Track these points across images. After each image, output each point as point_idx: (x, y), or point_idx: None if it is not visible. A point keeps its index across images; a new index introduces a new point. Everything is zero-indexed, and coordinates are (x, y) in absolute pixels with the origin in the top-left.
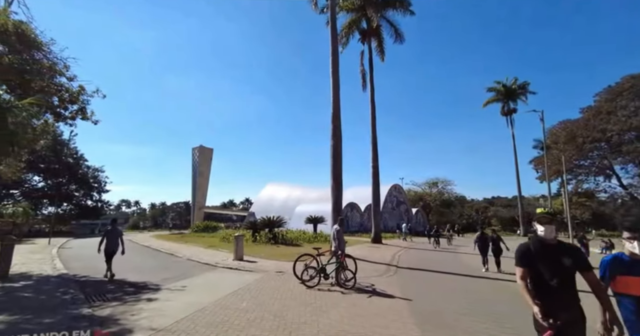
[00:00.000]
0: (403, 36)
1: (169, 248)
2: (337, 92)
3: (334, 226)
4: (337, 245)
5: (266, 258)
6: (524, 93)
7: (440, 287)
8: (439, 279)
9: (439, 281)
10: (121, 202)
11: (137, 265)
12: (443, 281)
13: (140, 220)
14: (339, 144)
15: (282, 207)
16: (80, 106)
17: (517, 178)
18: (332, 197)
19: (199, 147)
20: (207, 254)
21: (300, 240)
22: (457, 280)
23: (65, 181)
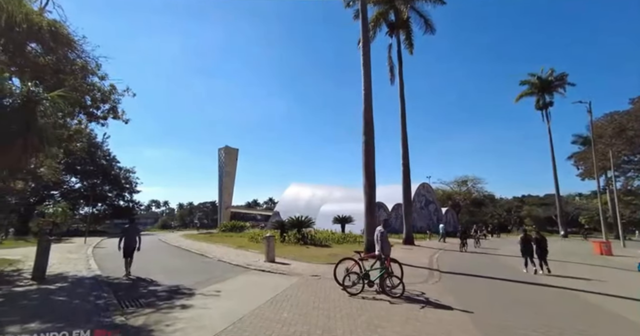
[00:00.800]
0: (434, 27)
1: (198, 248)
2: (368, 85)
3: (377, 228)
4: (381, 249)
5: (298, 260)
6: (561, 86)
7: (499, 296)
8: (493, 286)
9: (494, 289)
10: (151, 202)
11: (168, 266)
12: (498, 289)
13: (169, 220)
14: (371, 140)
15: (307, 206)
16: (112, 105)
17: (554, 175)
18: (365, 196)
19: (225, 148)
20: (238, 255)
21: (329, 240)
22: (513, 287)
23: (99, 182)
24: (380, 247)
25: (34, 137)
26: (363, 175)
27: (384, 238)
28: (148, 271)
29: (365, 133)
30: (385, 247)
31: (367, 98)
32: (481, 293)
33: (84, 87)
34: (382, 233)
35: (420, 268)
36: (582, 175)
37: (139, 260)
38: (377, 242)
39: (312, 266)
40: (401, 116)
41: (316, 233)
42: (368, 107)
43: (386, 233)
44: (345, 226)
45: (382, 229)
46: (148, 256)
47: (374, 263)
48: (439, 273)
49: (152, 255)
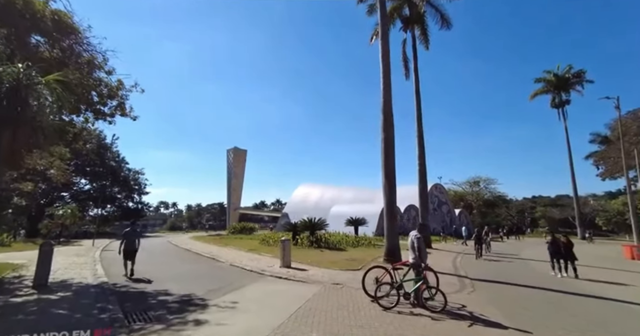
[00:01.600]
0: (450, 22)
1: (209, 251)
2: (387, 79)
3: (412, 233)
4: (416, 256)
5: (315, 265)
6: (579, 83)
7: (548, 309)
8: (534, 296)
9: (538, 300)
10: (160, 204)
11: (179, 272)
12: (542, 300)
13: (177, 221)
14: (391, 137)
15: (315, 207)
16: (119, 101)
17: (571, 175)
18: (385, 197)
19: (233, 149)
20: (250, 259)
21: (344, 243)
22: (557, 298)
23: (108, 183)
24: (418, 255)
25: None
26: (382, 175)
27: (421, 244)
28: (158, 278)
29: (384, 130)
30: (424, 255)
31: (386, 90)
32: (526, 306)
33: (90, 82)
34: (418, 238)
35: (447, 275)
36: (603, 175)
37: (148, 265)
38: (413, 249)
39: (332, 273)
40: (416, 113)
41: (330, 236)
42: (387, 100)
43: (422, 238)
44: (359, 228)
45: (418, 234)
46: (158, 260)
47: (407, 271)
48: (469, 280)
49: (162, 258)
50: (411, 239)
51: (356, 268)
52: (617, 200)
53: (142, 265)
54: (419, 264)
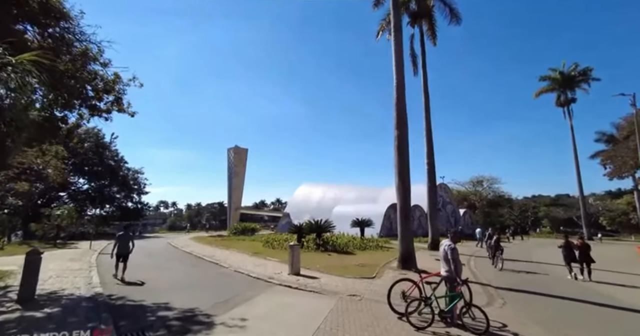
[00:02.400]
0: (460, 16)
1: (211, 255)
2: (400, 74)
3: (444, 242)
4: (450, 270)
5: (325, 272)
6: (585, 81)
7: (603, 330)
8: (575, 311)
9: (582, 316)
10: (159, 203)
11: (180, 280)
12: (586, 315)
13: (177, 221)
14: (405, 135)
15: (318, 207)
16: (116, 96)
17: (577, 174)
18: (399, 199)
19: (234, 148)
20: (255, 264)
21: (351, 246)
22: (600, 312)
23: (107, 183)
24: (454, 268)
25: None
26: (395, 175)
27: (456, 256)
28: (158, 287)
29: (397, 127)
30: (459, 268)
31: (399, 86)
32: (571, 323)
33: (84, 75)
34: (452, 250)
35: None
36: (610, 175)
37: (149, 271)
38: (446, 261)
39: (346, 282)
40: (425, 110)
41: (337, 239)
42: (401, 96)
43: (457, 250)
44: (365, 229)
45: (452, 244)
46: (158, 264)
47: (437, 285)
48: (494, 290)
49: (163, 263)
50: (444, 249)
51: (370, 275)
52: (621, 200)
53: (142, 271)
54: (454, 278)
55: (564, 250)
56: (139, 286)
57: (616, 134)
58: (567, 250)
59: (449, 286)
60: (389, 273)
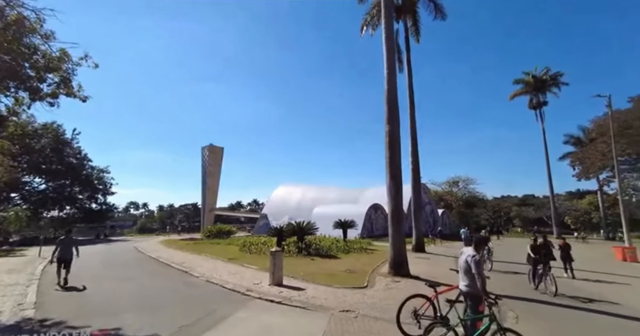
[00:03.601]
0: (444, 12)
1: (181, 261)
2: (391, 63)
3: (465, 250)
4: (474, 284)
5: (311, 281)
6: (556, 85)
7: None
8: (594, 322)
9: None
10: (129, 205)
11: (142, 295)
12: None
13: (148, 223)
14: (396, 130)
15: (297, 208)
16: (63, 76)
17: (548, 175)
18: (390, 200)
19: (209, 146)
20: (230, 272)
21: (335, 249)
22: (619, 325)
23: (68, 183)
24: (480, 283)
25: None
26: (387, 175)
27: (480, 268)
28: (111, 305)
29: (388, 122)
30: (483, 282)
31: (390, 77)
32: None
33: (20, 49)
34: (476, 261)
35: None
36: (579, 176)
37: (105, 282)
38: (467, 274)
39: (336, 294)
40: (410, 109)
41: (320, 241)
42: (392, 88)
43: (481, 260)
44: (347, 231)
45: (476, 254)
46: (118, 274)
47: (454, 302)
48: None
49: (124, 272)
50: (466, 261)
51: (361, 284)
52: (584, 200)
53: (97, 283)
54: (477, 295)
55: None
56: (86, 304)
57: (583, 137)
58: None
59: (470, 305)
60: (381, 280)
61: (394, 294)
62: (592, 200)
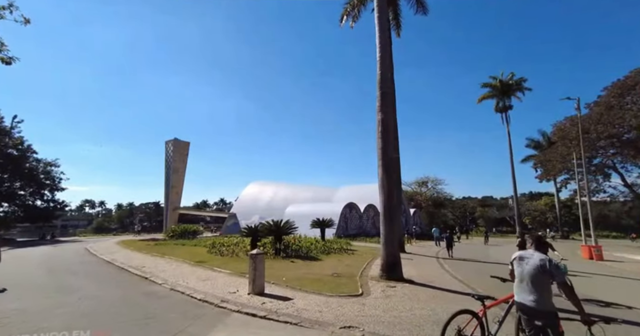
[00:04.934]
0: (426, 6)
1: (140, 265)
2: (384, 45)
3: (525, 254)
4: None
5: (297, 287)
6: (520, 90)
7: None
8: None
9: None
10: (84, 203)
11: (86, 309)
12: None
13: (105, 222)
14: (390, 118)
15: (268, 207)
16: None
17: (512, 177)
18: (382, 194)
19: (173, 140)
20: (200, 278)
21: (314, 250)
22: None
23: (7, 177)
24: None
25: None
26: (379, 167)
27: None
28: (44, 329)
29: (381, 110)
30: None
31: (383, 60)
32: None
33: None
34: (559, 268)
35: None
36: (541, 177)
37: (39, 294)
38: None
39: (329, 304)
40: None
41: (299, 242)
42: (386, 74)
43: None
44: (322, 230)
45: (547, 258)
46: (60, 283)
47: (504, 317)
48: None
49: (68, 280)
50: (536, 265)
51: (355, 291)
52: (541, 201)
53: (25, 296)
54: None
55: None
56: (24, 323)
57: (542, 141)
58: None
59: (549, 325)
60: (375, 286)
61: (396, 303)
62: (548, 201)
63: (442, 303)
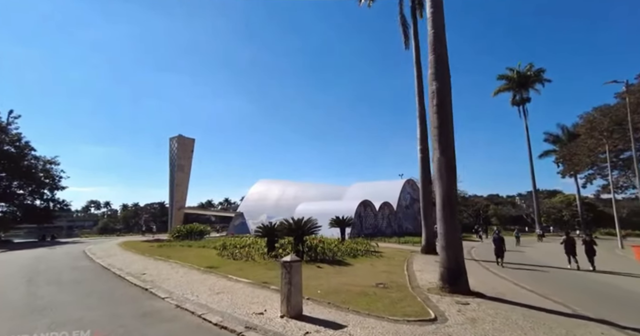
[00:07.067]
0: None
1: (140, 271)
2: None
3: None
4: None
5: (341, 304)
6: (539, 81)
7: None
8: None
9: None
10: (90, 203)
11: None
12: None
13: (110, 222)
14: (446, 89)
15: (276, 205)
16: None
17: (531, 173)
18: (440, 182)
19: (178, 137)
20: (214, 289)
21: (338, 252)
22: None
23: (4, 175)
24: None
25: None
26: (435, 148)
27: None
28: None
29: (436, 78)
30: None
31: (436, 15)
32: None
33: None
34: None
35: (560, 314)
36: (564, 172)
37: (13, 317)
38: None
39: (397, 333)
40: (417, 87)
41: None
42: (439, 30)
43: None
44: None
45: None
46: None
47: None
48: (597, 324)
49: (46, 294)
50: None
51: (425, 315)
52: (555, 198)
53: None
54: None
55: (566, 244)
56: None
57: (562, 135)
58: (569, 244)
59: None
60: (442, 302)
61: (494, 334)
62: (563, 199)
63: (559, 330)
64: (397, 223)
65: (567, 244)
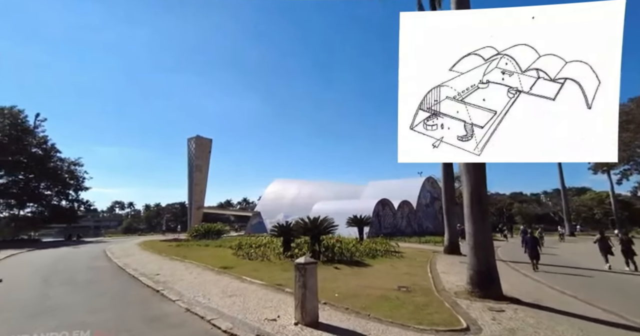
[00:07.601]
0: None
1: (155, 272)
2: None
3: None
4: None
5: (360, 310)
6: None
7: None
8: None
9: None
10: (114, 204)
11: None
12: None
13: (133, 222)
14: None
15: (292, 205)
16: None
17: (559, 170)
18: (468, 179)
19: (195, 138)
20: (226, 292)
21: (356, 252)
22: None
23: (32, 177)
24: None
25: None
26: None
27: None
28: None
29: None
30: None
31: None
32: None
33: None
34: None
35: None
36: (595, 168)
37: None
38: None
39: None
40: None
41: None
42: None
43: None
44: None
45: None
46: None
47: None
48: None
49: (58, 294)
50: None
51: (455, 324)
52: (584, 195)
53: None
54: None
55: (601, 244)
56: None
57: None
58: (604, 243)
59: None
60: (473, 309)
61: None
62: (595, 196)
63: None
64: (417, 223)
65: (603, 243)
